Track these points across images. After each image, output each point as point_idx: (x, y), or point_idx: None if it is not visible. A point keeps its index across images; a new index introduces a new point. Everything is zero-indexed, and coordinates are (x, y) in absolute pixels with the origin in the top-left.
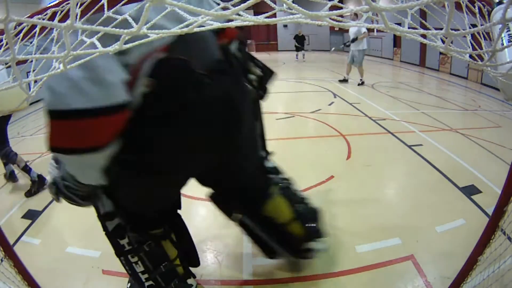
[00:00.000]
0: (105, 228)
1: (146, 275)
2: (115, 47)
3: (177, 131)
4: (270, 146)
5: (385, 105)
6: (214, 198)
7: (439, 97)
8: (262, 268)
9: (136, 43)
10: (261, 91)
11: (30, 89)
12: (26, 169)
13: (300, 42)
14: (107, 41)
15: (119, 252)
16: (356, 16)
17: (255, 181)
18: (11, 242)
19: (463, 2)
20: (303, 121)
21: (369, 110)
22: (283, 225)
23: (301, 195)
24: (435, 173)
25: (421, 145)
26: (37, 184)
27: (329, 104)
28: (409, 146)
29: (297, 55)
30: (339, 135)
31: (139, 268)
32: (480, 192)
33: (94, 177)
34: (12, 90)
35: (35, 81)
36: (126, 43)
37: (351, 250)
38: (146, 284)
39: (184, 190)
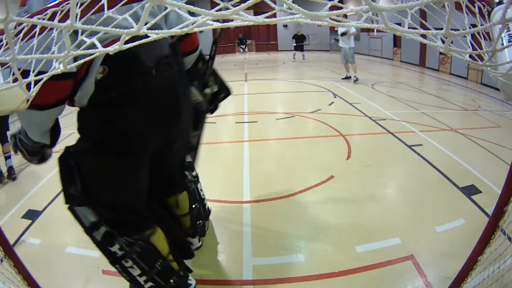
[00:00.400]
0: (93, 239)
1: (144, 277)
2: (115, 47)
3: (126, 113)
4: (269, 146)
5: (385, 105)
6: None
7: (439, 97)
8: (262, 268)
9: (136, 43)
10: (212, 105)
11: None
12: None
13: (299, 42)
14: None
15: (113, 260)
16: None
17: (175, 175)
18: (11, 242)
19: (463, 2)
20: (303, 121)
21: (369, 110)
22: (177, 216)
23: (202, 195)
24: (435, 173)
25: (421, 145)
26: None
27: (329, 104)
28: (409, 146)
29: (294, 55)
30: (339, 135)
31: (136, 271)
32: (480, 192)
33: (37, 134)
34: (12, 90)
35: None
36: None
37: (351, 250)
38: (146, 286)
39: None
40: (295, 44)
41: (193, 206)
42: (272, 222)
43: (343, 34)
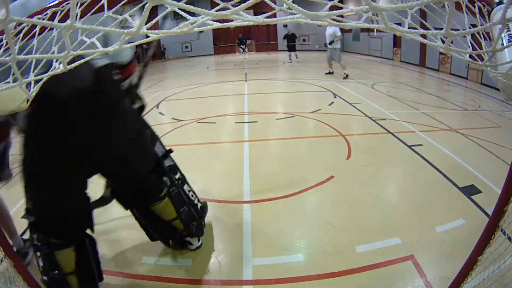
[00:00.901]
0: (28, 219)
1: (42, 269)
2: (115, 47)
3: (44, 145)
4: (269, 146)
5: (385, 105)
6: (115, 195)
7: (439, 97)
8: (261, 268)
9: (136, 43)
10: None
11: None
12: None
13: (291, 42)
14: None
15: (30, 242)
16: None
17: (148, 183)
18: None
19: (463, 2)
20: (303, 121)
21: (369, 110)
22: (166, 222)
23: (191, 196)
24: (435, 173)
25: (421, 145)
26: None
27: (329, 104)
28: (409, 146)
29: (290, 56)
30: (339, 135)
31: (40, 262)
32: (480, 192)
33: None
34: (12, 90)
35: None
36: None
37: (351, 250)
38: (43, 277)
39: None
40: (287, 44)
41: (181, 209)
42: (272, 222)
43: (331, 43)
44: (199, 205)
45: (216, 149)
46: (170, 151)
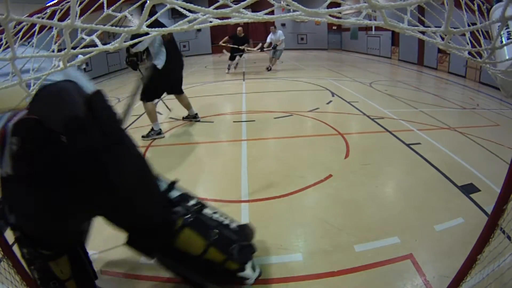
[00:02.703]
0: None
1: (39, 282)
2: (115, 45)
3: (39, 190)
4: (268, 144)
5: (383, 103)
6: (128, 242)
7: (437, 96)
8: (261, 268)
9: (136, 40)
10: None
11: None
12: None
13: (240, 44)
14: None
15: (22, 257)
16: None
17: (157, 220)
18: (10, 242)
19: (462, 0)
20: (301, 120)
21: (367, 108)
22: (198, 256)
23: (216, 218)
24: (433, 172)
25: (419, 143)
26: None
27: (327, 103)
28: (408, 145)
29: (229, 65)
30: (337, 134)
31: (35, 275)
32: (479, 190)
33: None
34: (12, 88)
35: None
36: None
37: (349, 249)
38: None
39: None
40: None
41: (210, 234)
42: (270, 221)
43: (275, 46)
44: (233, 224)
45: (214, 148)
46: (175, 182)
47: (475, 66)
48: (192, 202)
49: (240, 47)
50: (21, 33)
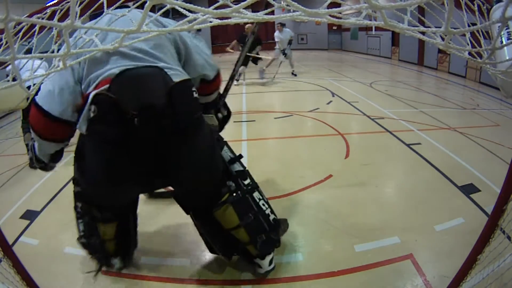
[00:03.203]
0: (74, 190)
1: (82, 233)
2: (115, 45)
3: (101, 154)
4: (268, 145)
5: (384, 103)
6: (175, 197)
7: (438, 96)
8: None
9: (136, 40)
10: (222, 125)
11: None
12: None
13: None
14: None
15: (74, 206)
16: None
17: (211, 190)
18: (10, 242)
19: (462, 0)
20: (302, 120)
21: (367, 108)
22: (227, 230)
23: (261, 205)
24: (433, 172)
25: (419, 143)
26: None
27: (327, 103)
28: (408, 145)
29: (240, 74)
30: (338, 134)
31: (81, 227)
32: (479, 190)
33: (40, 154)
34: (12, 88)
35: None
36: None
37: (350, 249)
38: (81, 240)
39: None
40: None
41: (246, 217)
42: None
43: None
44: (271, 217)
45: None
46: (240, 156)
47: (475, 66)
48: (246, 182)
49: (249, 54)
50: (21, 33)
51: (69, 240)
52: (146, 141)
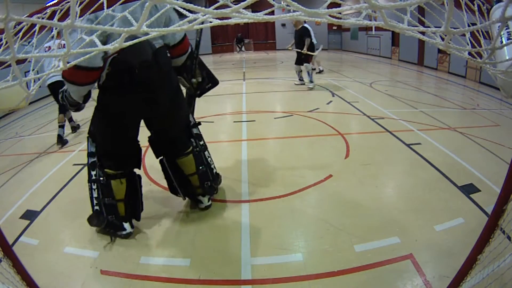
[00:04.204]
0: (88, 162)
1: (95, 201)
2: (115, 45)
3: (118, 94)
4: (268, 145)
5: (384, 103)
6: (150, 141)
7: (438, 96)
8: (260, 267)
9: (136, 40)
10: (199, 91)
11: (29, 88)
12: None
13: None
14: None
15: (89, 179)
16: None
17: (179, 140)
18: (10, 242)
19: (462, 0)
20: (302, 120)
21: (367, 109)
22: (186, 175)
23: (209, 161)
24: (433, 172)
25: (419, 143)
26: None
27: (328, 103)
28: (408, 145)
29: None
30: (338, 134)
31: (95, 194)
32: (479, 190)
33: (76, 97)
34: (12, 88)
35: (34, 80)
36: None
37: (349, 249)
38: (95, 207)
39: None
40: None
41: (200, 167)
42: (270, 221)
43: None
44: (214, 170)
45: (214, 148)
46: (199, 123)
47: (475, 66)
48: (201, 142)
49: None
50: (21, 33)
51: (69, 240)
52: (143, 82)
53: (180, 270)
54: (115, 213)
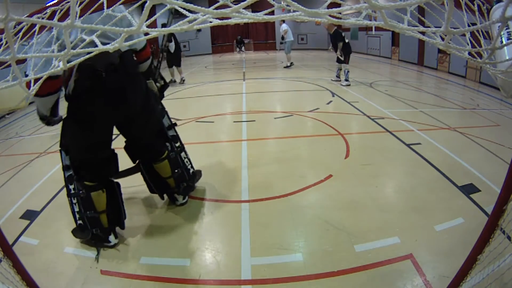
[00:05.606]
0: (64, 175)
1: (78, 215)
2: (115, 45)
3: (87, 100)
4: (268, 145)
5: (384, 103)
6: (125, 148)
7: (438, 96)
8: (260, 267)
9: (135, 41)
10: (161, 93)
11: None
12: None
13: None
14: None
15: (68, 193)
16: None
17: (154, 145)
18: (10, 242)
19: (462, 0)
20: (302, 120)
21: (367, 109)
22: (163, 178)
23: (185, 162)
24: (433, 172)
25: (419, 143)
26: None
27: (328, 103)
28: (408, 145)
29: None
30: (338, 134)
31: (76, 208)
32: (479, 190)
33: (44, 110)
34: (12, 88)
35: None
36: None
37: (350, 249)
38: (78, 221)
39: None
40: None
41: (175, 171)
42: (270, 222)
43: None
44: (191, 170)
45: (214, 148)
46: (175, 124)
47: (475, 66)
48: (177, 144)
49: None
50: (21, 33)
51: (69, 240)
52: (111, 85)
53: (180, 270)
54: (99, 226)
